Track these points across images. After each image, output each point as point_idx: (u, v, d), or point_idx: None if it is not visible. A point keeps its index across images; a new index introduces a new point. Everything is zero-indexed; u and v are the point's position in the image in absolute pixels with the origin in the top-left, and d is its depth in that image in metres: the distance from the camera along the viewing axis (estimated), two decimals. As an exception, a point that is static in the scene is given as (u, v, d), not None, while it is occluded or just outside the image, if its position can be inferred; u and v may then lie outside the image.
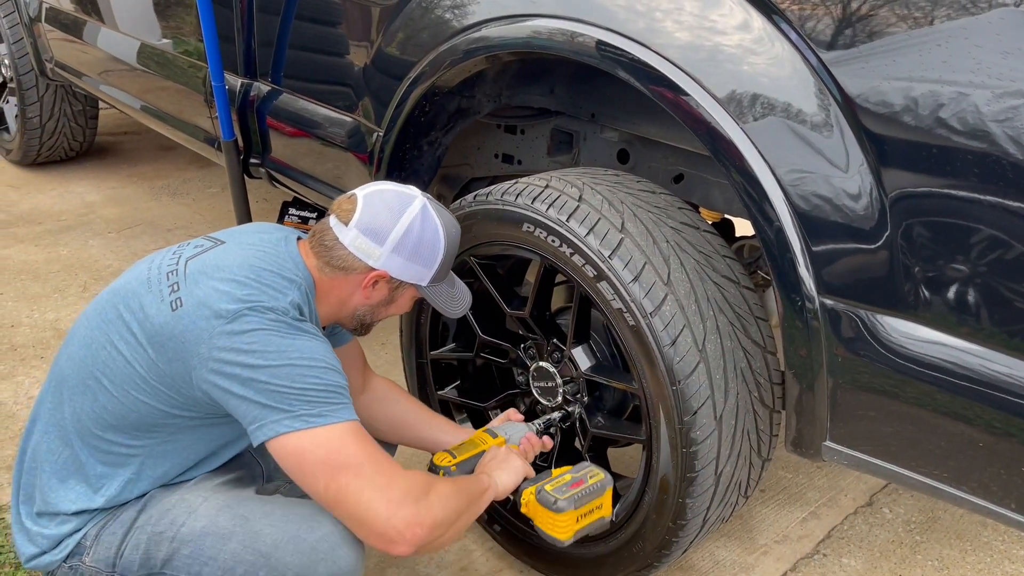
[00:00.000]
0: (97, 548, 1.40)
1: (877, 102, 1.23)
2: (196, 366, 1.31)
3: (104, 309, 1.43)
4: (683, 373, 1.48)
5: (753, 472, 1.66)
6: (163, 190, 4.18)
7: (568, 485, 1.55)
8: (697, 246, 1.60)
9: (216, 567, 1.35)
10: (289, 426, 1.29)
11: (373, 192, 1.48)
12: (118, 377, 1.37)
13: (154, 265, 1.44)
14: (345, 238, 1.45)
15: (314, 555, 1.33)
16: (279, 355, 1.30)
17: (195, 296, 1.34)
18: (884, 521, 2.22)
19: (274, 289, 1.37)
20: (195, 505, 1.40)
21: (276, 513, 1.38)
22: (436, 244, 1.49)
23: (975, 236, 1.16)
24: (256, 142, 2.52)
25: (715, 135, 1.41)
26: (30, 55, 3.79)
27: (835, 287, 1.30)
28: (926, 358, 1.24)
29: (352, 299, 1.50)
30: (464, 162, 2.52)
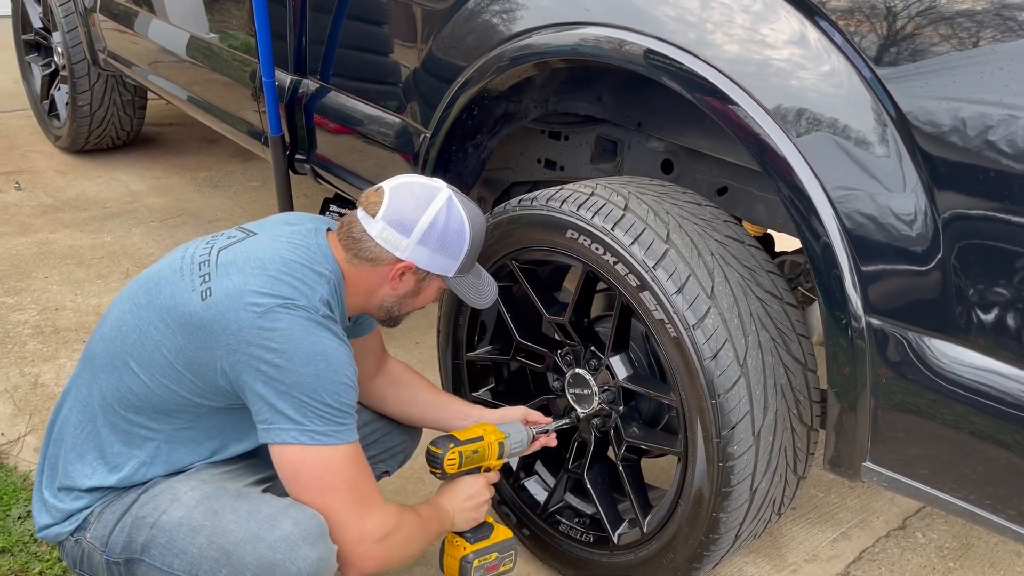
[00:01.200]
0: (97, 526, 1.42)
1: (933, 121, 1.22)
2: (222, 355, 1.34)
3: (137, 294, 1.46)
4: (723, 387, 1.47)
5: (788, 490, 1.64)
6: (205, 182, 4.24)
7: (487, 567, 1.67)
8: (742, 260, 1.60)
9: (185, 560, 1.36)
10: (296, 438, 1.35)
11: (400, 184, 1.51)
12: (146, 360, 1.40)
13: (187, 254, 1.46)
14: (372, 230, 1.47)
15: (272, 555, 1.33)
16: (305, 362, 1.34)
17: (225, 287, 1.37)
18: (917, 545, 2.19)
19: (305, 284, 1.39)
20: (179, 493, 1.42)
21: (243, 509, 1.39)
22: (462, 235, 1.50)
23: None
24: (302, 138, 2.55)
25: (764, 147, 1.41)
26: (83, 44, 3.87)
27: (883, 307, 1.29)
28: (974, 384, 1.22)
29: (380, 291, 1.53)
30: (506, 166, 2.53)
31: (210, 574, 1.35)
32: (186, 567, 1.36)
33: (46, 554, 1.88)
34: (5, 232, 3.50)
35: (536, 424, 1.79)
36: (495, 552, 1.67)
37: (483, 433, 1.68)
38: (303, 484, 1.38)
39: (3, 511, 2.00)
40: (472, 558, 1.64)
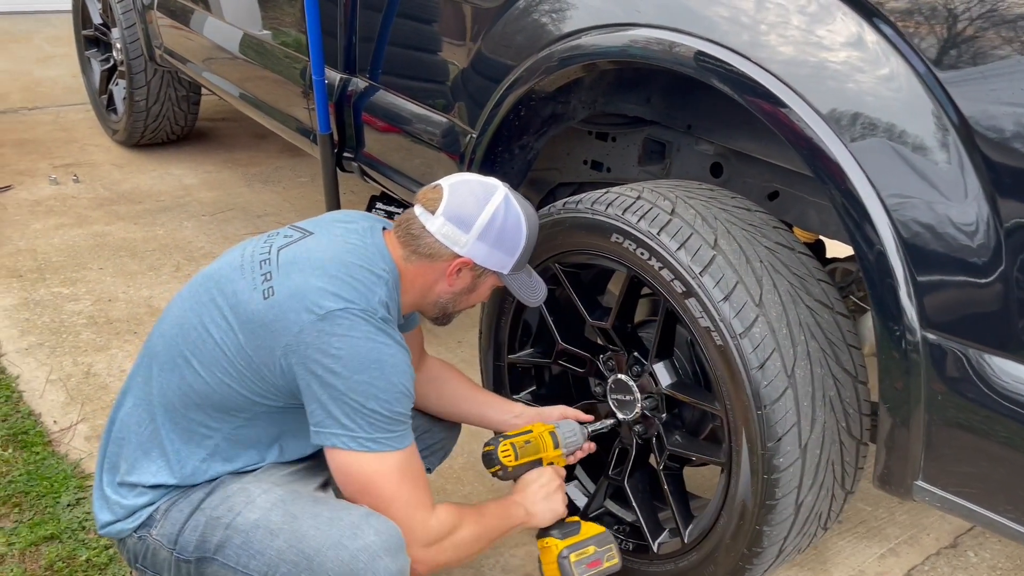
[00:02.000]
0: (164, 523, 1.44)
1: (997, 127, 1.17)
2: (281, 355, 1.36)
3: (198, 292, 1.47)
4: (770, 398, 1.44)
5: (835, 504, 1.60)
6: (256, 177, 4.30)
7: (588, 562, 1.60)
8: (791, 268, 1.56)
9: (263, 561, 1.37)
10: (346, 444, 1.36)
11: (458, 182, 1.52)
12: (206, 358, 1.42)
13: (247, 252, 1.48)
14: (432, 226, 1.48)
15: (354, 564, 1.33)
16: (360, 369, 1.35)
17: (287, 287, 1.38)
18: (968, 565, 2.12)
19: (364, 286, 1.40)
20: (254, 496, 1.43)
21: (323, 516, 1.39)
22: (519, 232, 1.51)
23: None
24: (351, 136, 2.57)
25: (816, 151, 1.37)
26: (141, 40, 3.95)
27: (940, 321, 1.24)
28: (1035, 402, 1.17)
29: (436, 287, 1.54)
30: (552, 167, 2.51)
31: None
32: (263, 568, 1.37)
33: (93, 542, 1.92)
34: (63, 223, 3.59)
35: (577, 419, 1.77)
36: (591, 545, 1.61)
37: (531, 428, 1.68)
38: (353, 489, 1.40)
39: (53, 498, 2.04)
40: (567, 553, 1.58)
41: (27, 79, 5.50)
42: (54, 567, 1.85)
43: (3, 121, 4.75)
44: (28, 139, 4.52)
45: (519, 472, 1.64)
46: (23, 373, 2.54)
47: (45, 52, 6.11)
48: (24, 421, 2.31)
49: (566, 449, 1.68)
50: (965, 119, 1.20)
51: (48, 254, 3.31)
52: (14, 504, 2.02)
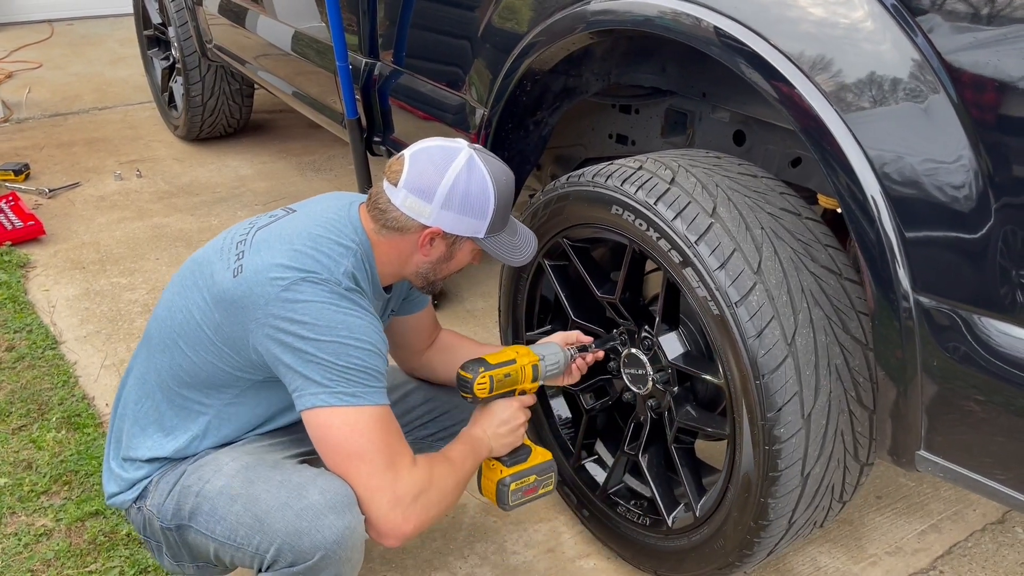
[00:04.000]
0: (155, 494, 1.51)
1: (987, 85, 1.11)
2: (253, 330, 1.39)
3: (185, 276, 1.54)
4: (768, 367, 1.40)
5: (849, 476, 1.55)
6: (308, 166, 4.39)
7: (524, 490, 1.64)
8: (796, 234, 1.51)
9: (225, 526, 1.42)
10: (324, 400, 1.36)
11: (419, 149, 1.50)
12: (192, 339, 1.47)
13: (230, 235, 1.53)
14: (396, 199, 1.48)
15: (298, 523, 1.36)
16: (328, 330, 1.36)
17: (254, 264, 1.42)
18: (1015, 541, 2.02)
19: (328, 257, 1.42)
20: (222, 464, 1.48)
21: (275, 479, 1.42)
22: (486, 195, 1.47)
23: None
24: (378, 121, 2.60)
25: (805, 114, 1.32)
26: (193, 37, 4.08)
27: (932, 285, 1.19)
28: (1033, 366, 1.11)
29: (412, 258, 1.54)
30: (578, 142, 2.49)
31: (246, 540, 1.41)
32: (226, 533, 1.42)
33: (134, 516, 2.02)
34: (125, 216, 3.75)
35: (577, 343, 1.74)
36: (533, 475, 1.64)
37: (515, 356, 1.64)
38: (332, 447, 1.39)
39: (99, 477, 2.15)
40: (509, 481, 1.61)
41: (99, 80, 5.75)
42: (96, 541, 1.95)
43: (75, 121, 4.98)
44: (97, 137, 4.73)
45: (489, 402, 1.62)
46: (80, 359, 2.68)
47: (116, 54, 6.37)
48: (78, 404, 2.44)
49: (544, 380, 1.67)
50: (952, 72, 1.14)
51: (110, 246, 3.47)
52: (64, 482, 2.14)
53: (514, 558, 1.97)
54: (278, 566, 1.39)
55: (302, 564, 1.37)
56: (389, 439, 1.40)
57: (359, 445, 1.37)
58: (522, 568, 1.94)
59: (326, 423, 1.38)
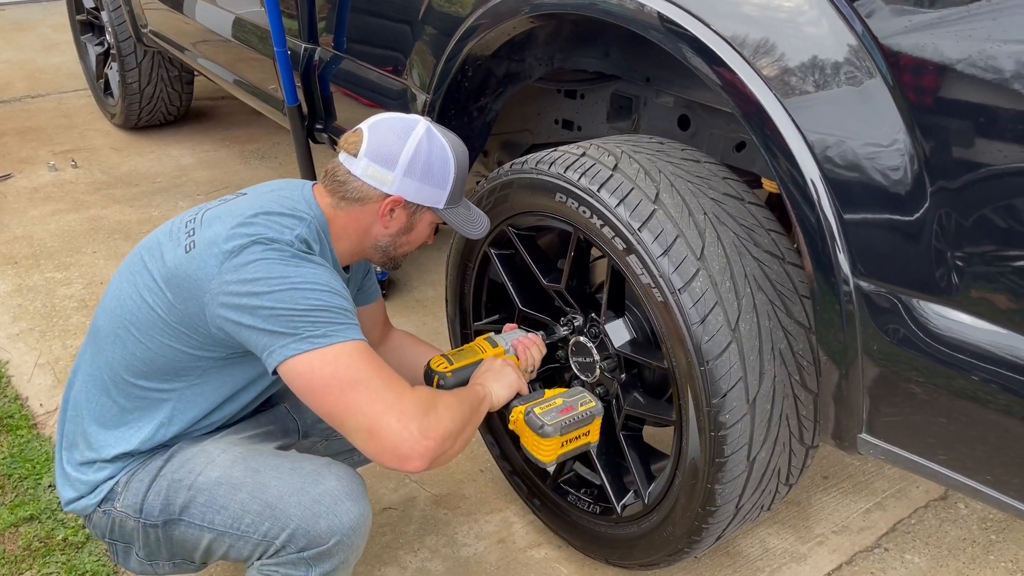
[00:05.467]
0: (127, 495, 1.45)
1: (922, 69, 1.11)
2: (208, 302, 1.35)
3: (133, 262, 1.48)
4: (712, 353, 1.40)
5: (795, 460, 1.56)
6: (253, 154, 4.30)
7: (558, 410, 1.54)
8: (739, 219, 1.50)
9: (227, 515, 1.39)
10: (296, 348, 1.30)
11: (377, 121, 1.49)
12: (144, 324, 1.42)
13: (179, 218, 1.49)
14: (356, 169, 1.46)
15: (316, 507, 1.35)
16: (282, 280, 1.32)
17: (205, 237, 1.38)
18: (957, 517, 2.07)
19: (279, 225, 1.39)
20: (213, 456, 1.45)
21: (284, 466, 1.41)
22: (446, 162, 1.48)
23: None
24: (320, 108, 2.54)
25: (734, 87, 1.31)
26: (128, 22, 3.94)
27: (871, 269, 1.19)
28: (970, 347, 1.12)
29: (372, 231, 1.51)
30: (524, 128, 2.46)
31: (252, 527, 1.38)
32: (228, 522, 1.39)
33: (71, 521, 1.95)
34: (60, 209, 3.63)
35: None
36: (559, 399, 1.57)
37: (477, 349, 1.66)
38: (321, 391, 1.30)
39: (35, 480, 2.08)
40: (531, 409, 1.55)
41: (31, 67, 5.54)
42: (31, 547, 1.88)
43: (5, 110, 4.80)
44: (30, 127, 4.57)
45: (461, 377, 1.59)
46: (12, 358, 2.58)
47: (49, 40, 6.15)
48: (10, 405, 2.35)
49: (508, 347, 1.65)
50: (888, 56, 1.14)
51: (44, 240, 3.35)
52: (-3, 486, 2.06)
53: (465, 550, 1.95)
54: (287, 552, 1.37)
55: (314, 548, 1.35)
56: (377, 366, 1.33)
57: (348, 376, 1.30)
58: (473, 560, 1.93)
59: (306, 371, 1.30)
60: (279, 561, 1.38)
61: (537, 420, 1.53)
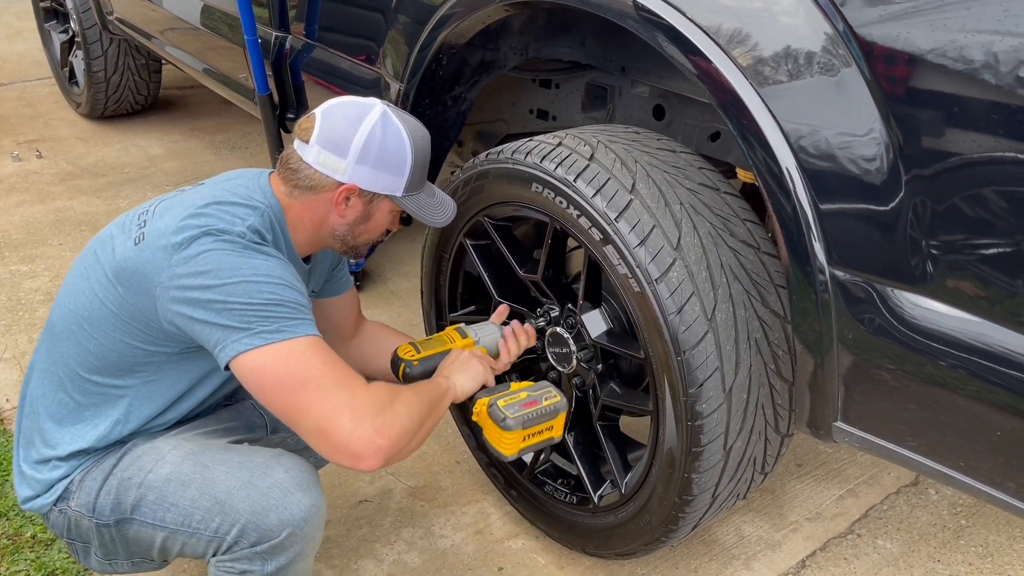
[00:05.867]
0: (80, 494, 1.43)
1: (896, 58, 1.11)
2: (159, 296, 1.32)
3: (86, 257, 1.45)
4: (689, 343, 1.40)
5: (770, 448, 1.57)
6: (223, 144, 4.24)
7: (521, 404, 1.52)
8: (715, 209, 1.51)
9: (178, 513, 1.37)
10: (248, 343, 1.27)
11: (331, 106, 1.45)
12: (96, 319, 1.39)
13: (134, 211, 1.45)
14: (308, 156, 1.42)
15: (265, 501, 1.33)
16: (233, 272, 1.29)
17: (155, 229, 1.34)
18: (928, 502, 2.10)
19: (231, 215, 1.36)
20: (163, 452, 1.42)
21: (233, 460, 1.39)
22: (402, 149, 1.43)
23: (999, 206, 1.04)
24: (291, 96, 2.51)
25: (717, 84, 1.31)
26: (93, 9, 3.86)
27: (847, 258, 1.20)
28: (944, 336, 1.13)
29: (328, 220, 1.48)
30: (499, 117, 2.45)
31: (203, 524, 1.35)
32: (179, 519, 1.37)
33: (39, 519, 1.92)
34: (24, 200, 3.55)
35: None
36: (523, 392, 1.55)
37: (446, 339, 1.64)
38: (272, 389, 1.28)
39: (2, 476, 2.04)
40: (494, 401, 1.52)
41: (-7, 56, 5.43)
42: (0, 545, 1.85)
43: (-32, 100, 4.70)
44: (-8, 117, 4.47)
45: (428, 366, 1.57)
46: (-23, 353, 2.53)
47: (13, 27, 6.02)
48: (-25, 401, 2.30)
49: (477, 338, 1.63)
50: (864, 46, 1.14)
51: (8, 232, 3.28)
52: (-38, 484, 2.01)
53: (442, 542, 1.95)
54: (239, 547, 1.35)
55: (267, 543, 1.33)
56: (331, 362, 1.31)
57: (300, 374, 1.27)
58: (450, 551, 1.92)
59: (258, 366, 1.27)
60: (234, 557, 1.35)
61: (500, 413, 1.51)
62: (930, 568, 1.90)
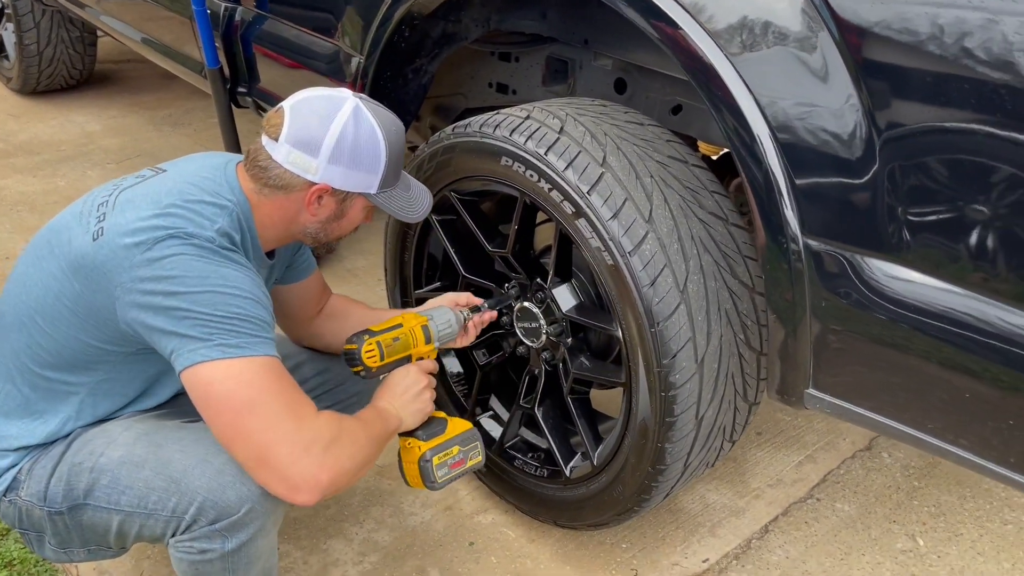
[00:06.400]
0: (30, 483, 1.38)
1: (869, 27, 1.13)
2: (119, 296, 1.26)
3: (39, 246, 1.39)
4: (662, 315, 1.41)
5: (739, 416, 1.60)
6: (165, 120, 4.11)
7: (451, 463, 1.52)
8: (684, 181, 1.52)
9: (132, 495, 1.33)
10: (205, 355, 1.23)
11: (300, 100, 1.39)
12: (49, 313, 1.34)
13: (91, 197, 1.38)
14: (278, 155, 1.36)
15: (221, 478, 1.30)
16: (200, 280, 1.24)
17: (116, 224, 1.28)
18: (882, 466, 2.17)
19: (200, 216, 1.31)
20: (115, 435, 1.38)
21: (187, 439, 1.35)
22: (376, 146, 1.38)
23: (972, 175, 1.07)
24: (243, 70, 2.44)
25: (693, 57, 1.31)
26: (23, -21, 3.70)
27: (820, 227, 1.22)
28: (914, 303, 1.16)
29: (299, 218, 1.43)
30: (457, 91, 2.42)
31: (159, 504, 1.32)
32: (134, 502, 1.33)
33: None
34: (-45, 180, 3.40)
35: (468, 306, 1.68)
36: (455, 446, 1.53)
37: (402, 320, 1.57)
38: (216, 406, 1.23)
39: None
40: (430, 456, 1.50)
41: (-88, 28, 5.14)
42: (-51, 537, 1.78)
43: None
44: (-85, 92, 4.26)
45: (384, 371, 1.54)
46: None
47: (-68, -2, 5.72)
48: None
49: (439, 343, 1.60)
50: (836, 14, 1.15)
51: (-60, 214, 3.14)
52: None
53: (412, 519, 1.94)
54: (198, 526, 1.31)
55: (226, 519, 1.30)
56: (284, 388, 1.27)
57: (248, 397, 1.23)
58: (420, 528, 1.92)
59: (207, 380, 1.23)
60: (192, 536, 1.32)
61: (431, 474, 1.50)
62: (886, 528, 1.96)
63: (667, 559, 1.87)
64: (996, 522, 1.97)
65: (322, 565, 1.82)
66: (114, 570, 1.78)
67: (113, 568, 1.78)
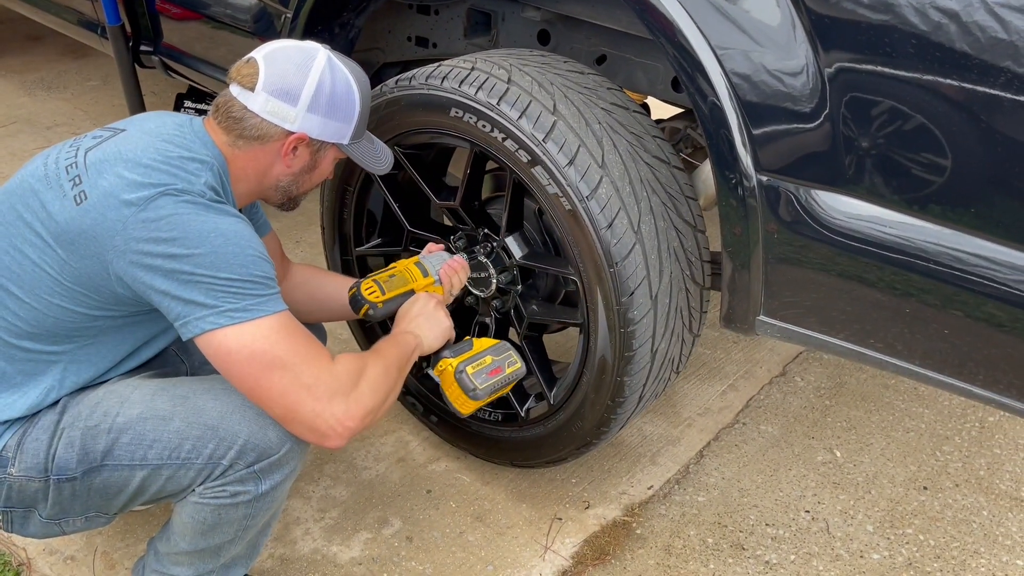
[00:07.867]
0: (22, 457, 1.33)
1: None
2: (113, 260, 1.23)
3: (1, 212, 1.31)
4: (620, 255, 1.48)
5: (685, 348, 1.70)
6: (36, 84, 3.84)
7: (487, 372, 1.56)
8: (628, 127, 1.58)
9: (161, 447, 1.31)
10: (214, 323, 1.23)
11: (274, 50, 1.38)
12: (27, 283, 1.29)
13: (50, 160, 1.32)
14: (254, 104, 1.35)
15: (262, 419, 1.31)
16: (201, 240, 1.23)
17: (100, 187, 1.25)
18: (797, 389, 2.34)
19: (185, 171, 1.28)
20: (126, 394, 1.35)
21: (217, 388, 1.35)
22: (350, 95, 1.41)
23: (911, 111, 1.18)
24: (146, 27, 2.32)
25: (647, 6, 1.37)
26: None
27: (772, 164, 1.31)
28: (858, 232, 1.27)
29: (273, 170, 1.42)
30: (375, 46, 2.39)
31: (195, 452, 1.30)
32: (164, 453, 1.30)
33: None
34: None
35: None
36: (488, 356, 1.57)
37: (394, 264, 1.63)
38: (239, 371, 1.25)
39: None
40: (463, 367, 1.53)
41: None
42: None
43: None
44: None
45: (391, 308, 1.56)
46: None
47: None
48: None
49: (436, 276, 1.63)
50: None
51: None
52: None
53: (366, 473, 1.96)
54: (234, 470, 1.31)
55: (266, 460, 1.31)
56: (296, 343, 1.28)
57: (267, 356, 1.24)
58: (376, 481, 1.94)
59: (224, 349, 1.24)
60: (226, 480, 1.32)
61: (469, 383, 1.53)
62: (807, 444, 2.14)
63: (615, 489, 1.98)
64: (899, 431, 2.19)
65: (283, 525, 1.82)
66: (64, 548, 1.73)
67: (64, 546, 1.73)
